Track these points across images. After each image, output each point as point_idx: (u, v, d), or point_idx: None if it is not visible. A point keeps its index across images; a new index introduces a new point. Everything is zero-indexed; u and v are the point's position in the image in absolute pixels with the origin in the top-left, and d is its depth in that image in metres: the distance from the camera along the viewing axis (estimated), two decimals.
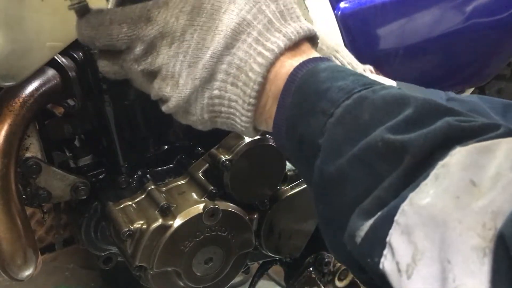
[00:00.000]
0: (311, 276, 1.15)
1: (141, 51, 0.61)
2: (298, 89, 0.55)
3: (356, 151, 0.47)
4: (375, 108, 0.49)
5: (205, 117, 0.63)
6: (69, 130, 0.94)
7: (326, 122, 0.51)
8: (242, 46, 0.58)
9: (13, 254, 0.80)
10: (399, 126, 0.46)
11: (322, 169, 0.51)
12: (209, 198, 0.90)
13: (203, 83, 0.60)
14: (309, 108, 0.53)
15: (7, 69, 0.71)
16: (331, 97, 0.52)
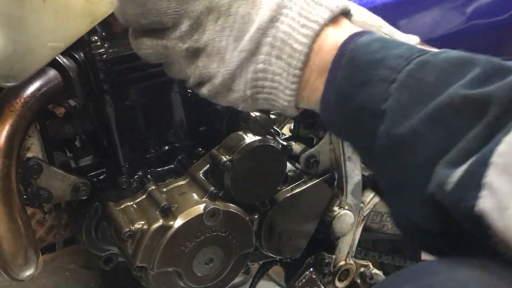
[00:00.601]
0: (311, 277, 1.15)
1: (188, 28, 0.62)
2: (349, 61, 0.56)
3: (429, 111, 0.48)
4: (439, 70, 0.50)
5: (248, 94, 0.63)
6: (70, 130, 0.94)
7: (388, 88, 0.52)
8: (285, 20, 0.59)
9: (14, 254, 0.80)
10: (473, 83, 0.47)
11: (389, 133, 0.52)
12: (209, 198, 0.90)
13: (248, 56, 0.60)
14: (366, 78, 0.54)
15: (8, 69, 0.71)
16: (390, 64, 0.53)
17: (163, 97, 0.96)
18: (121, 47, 0.87)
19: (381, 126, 0.53)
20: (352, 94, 0.55)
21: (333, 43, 0.58)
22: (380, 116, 0.53)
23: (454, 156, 0.46)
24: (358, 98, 0.55)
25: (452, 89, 0.48)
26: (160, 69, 0.89)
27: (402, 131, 0.50)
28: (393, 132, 0.51)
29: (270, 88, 0.62)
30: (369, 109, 0.54)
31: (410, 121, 0.50)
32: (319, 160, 1.04)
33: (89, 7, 0.72)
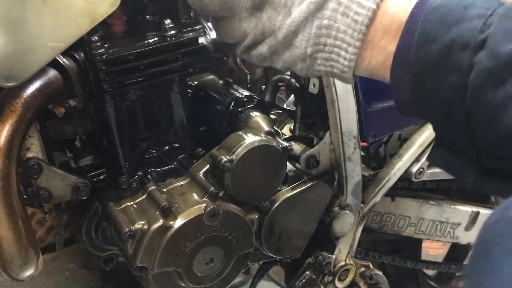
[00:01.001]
0: (311, 277, 1.15)
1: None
2: (433, 10, 0.55)
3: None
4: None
5: (308, 51, 0.62)
6: (70, 131, 0.94)
7: (486, 21, 0.52)
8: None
9: (14, 254, 0.80)
10: None
11: (494, 53, 0.50)
12: (210, 198, 0.90)
13: (316, 10, 0.60)
14: (457, 18, 0.53)
15: (9, 69, 0.71)
16: (483, 5, 0.53)
17: (163, 97, 0.96)
18: (121, 47, 0.87)
19: (480, 52, 0.51)
20: (439, 35, 0.54)
21: (400, 4, 0.58)
22: (479, 46, 0.52)
23: None
24: (447, 36, 0.54)
25: None
26: (159, 69, 0.90)
27: (510, 49, 0.50)
28: (499, 52, 0.50)
29: (332, 46, 0.61)
30: (463, 43, 0.53)
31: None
32: (319, 160, 1.04)
33: (89, 8, 0.72)
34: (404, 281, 1.59)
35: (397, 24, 0.57)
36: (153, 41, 0.89)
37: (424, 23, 0.55)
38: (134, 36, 0.90)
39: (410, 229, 1.34)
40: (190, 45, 0.91)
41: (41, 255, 0.86)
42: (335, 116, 1.01)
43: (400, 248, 1.50)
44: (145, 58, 0.88)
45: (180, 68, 0.92)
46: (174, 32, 0.90)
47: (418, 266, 1.42)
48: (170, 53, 0.90)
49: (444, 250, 1.83)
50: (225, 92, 1.03)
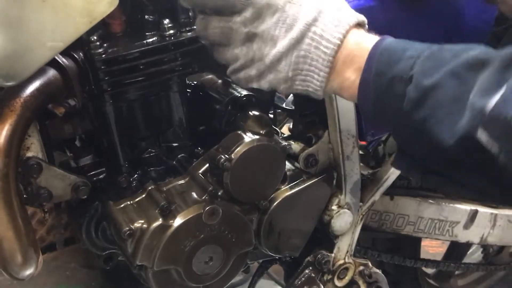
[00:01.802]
0: (310, 276, 1.15)
1: (251, 15, 0.79)
2: (382, 52, 0.73)
3: (447, 69, 0.66)
4: (453, 51, 0.69)
5: (289, 75, 0.79)
6: (69, 130, 0.94)
7: (415, 61, 0.69)
8: (324, 20, 0.76)
9: (14, 253, 0.80)
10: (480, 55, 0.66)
11: (417, 86, 0.68)
12: (209, 197, 0.91)
13: (295, 44, 0.77)
14: (397, 58, 0.71)
15: (8, 69, 0.71)
16: (417, 47, 0.71)
17: (162, 97, 0.96)
18: (120, 47, 0.87)
19: (410, 85, 0.69)
20: (387, 72, 0.72)
21: (357, 42, 0.76)
22: (409, 80, 0.69)
23: (485, 88, 0.63)
24: (391, 73, 0.71)
25: (466, 55, 0.67)
26: (158, 69, 0.90)
27: (428, 83, 0.67)
28: (420, 85, 0.68)
29: (308, 71, 0.78)
30: (399, 77, 0.70)
31: (434, 76, 0.67)
32: (318, 159, 1.04)
33: (88, 7, 0.72)
34: (403, 280, 1.59)
35: (357, 60, 0.75)
36: (152, 41, 0.90)
37: (377, 63, 0.73)
38: (133, 36, 0.90)
39: (409, 228, 1.34)
40: (189, 44, 0.92)
41: (41, 254, 0.86)
42: (333, 115, 1.01)
43: (399, 247, 1.50)
44: (144, 58, 0.88)
45: (179, 67, 0.92)
46: (173, 32, 0.90)
47: (417, 264, 1.42)
48: (169, 52, 0.90)
49: (443, 248, 1.83)
50: (224, 92, 1.03)
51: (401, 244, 1.50)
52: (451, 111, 0.66)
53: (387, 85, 0.72)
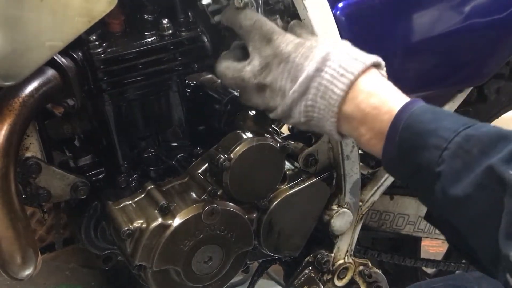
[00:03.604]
0: (310, 275, 1.15)
1: (259, 66, 0.82)
2: (407, 127, 0.71)
3: (476, 178, 0.63)
4: (482, 144, 0.64)
5: (302, 120, 0.81)
6: (69, 130, 0.94)
7: (442, 154, 0.66)
8: (329, 70, 0.76)
9: (13, 253, 0.80)
10: (508, 158, 0.61)
11: (445, 192, 0.66)
12: (208, 197, 0.91)
13: (300, 96, 0.79)
14: (422, 144, 0.68)
15: (6, 68, 0.71)
16: (442, 134, 0.67)
17: (162, 96, 0.96)
18: (119, 47, 0.87)
19: (438, 184, 0.67)
20: (411, 155, 0.70)
21: (370, 93, 0.75)
22: (436, 176, 0.67)
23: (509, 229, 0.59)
24: (416, 158, 0.69)
25: (492, 160, 0.62)
26: (157, 68, 0.90)
27: (457, 193, 0.64)
28: (449, 192, 0.65)
29: (318, 119, 0.80)
30: (426, 169, 0.68)
31: (462, 184, 0.64)
32: (317, 159, 1.04)
33: (87, 6, 0.72)
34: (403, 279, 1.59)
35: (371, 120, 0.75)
36: (151, 40, 0.90)
37: (400, 143, 0.71)
38: (132, 36, 0.90)
39: (409, 227, 1.34)
40: (188, 44, 0.92)
41: (40, 254, 0.86)
42: None
43: (399, 246, 1.50)
44: (143, 57, 0.88)
45: (178, 67, 0.92)
46: (172, 31, 0.90)
47: (417, 264, 1.42)
48: (168, 52, 0.90)
49: (444, 248, 1.83)
50: (223, 91, 1.03)
51: (401, 243, 1.50)
52: (483, 228, 0.64)
53: (414, 170, 0.71)
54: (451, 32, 1.08)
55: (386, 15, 1.01)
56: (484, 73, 1.17)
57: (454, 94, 1.18)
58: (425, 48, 1.06)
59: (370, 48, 1.01)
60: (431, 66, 1.10)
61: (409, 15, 1.04)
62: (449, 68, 1.12)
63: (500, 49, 1.16)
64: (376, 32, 1.01)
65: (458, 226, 0.67)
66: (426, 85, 1.11)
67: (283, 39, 0.81)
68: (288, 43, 0.81)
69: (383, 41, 1.02)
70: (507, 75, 1.37)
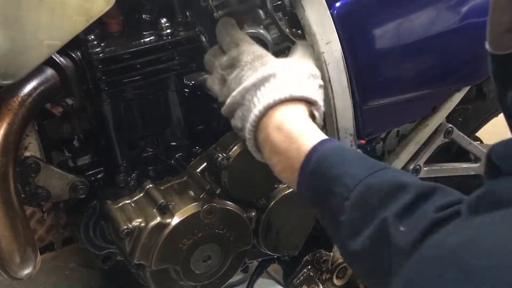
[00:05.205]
0: (309, 274, 1.15)
1: (226, 62, 0.85)
2: (313, 171, 0.71)
3: (371, 232, 0.63)
4: (381, 194, 0.64)
5: (239, 126, 0.82)
6: (68, 130, 0.94)
7: (344, 203, 0.67)
8: (262, 89, 0.79)
9: (12, 253, 0.80)
10: (402, 213, 0.61)
11: (346, 244, 0.66)
12: (207, 196, 0.91)
13: (236, 102, 0.81)
14: (327, 189, 0.69)
15: (5, 67, 0.71)
16: (345, 182, 0.67)
17: (160, 96, 0.96)
18: (117, 46, 0.87)
19: (340, 233, 0.68)
20: (319, 201, 0.71)
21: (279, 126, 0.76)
22: (339, 224, 0.67)
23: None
24: (324, 205, 0.70)
25: (387, 213, 0.62)
26: (156, 67, 0.90)
27: (355, 247, 0.65)
28: (348, 245, 0.66)
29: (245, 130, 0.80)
30: (331, 216, 0.70)
31: (362, 237, 0.64)
32: None
33: (85, 6, 0.72)
34: None
35: (282, 153, 0.75)
36: (149, 40, 0.90)
37: (309, 184, 0.72)
38: (131, 35, 0.91)
39: None
40: (186, 43, 0.92)
41: (39, 253, 0.86)
42: (331, 114, 1.01)
43: None
44: (142, 57, 0.88)
45: (177, 66, 0.93)
46: (170, 31, 0.90)
47: None
48: (167, 51, 0.91)
49: None
50: None
51: None
52: (379, 283, 0.65)
53: (323, 214, 0.72)
54: (448, 31, 1.08)
55: (383, 15, 1.01)
56: (481, 72, 1.17)
57: (452, 93, 1.19)
58: (422, 47, 1.06)
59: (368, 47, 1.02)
60: (429, 65, 1.10)
61: (406, 15, 1.04)
62: (447, 68, 1.12)
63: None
64: (373, 31, 1.01)
65: (359, 276, 0.68)
66: (424, 84, 1.11)
67: (247, 48, 0.85)
68: (250, 53, 0.84)
69: (380, 40, 1.02)
70: None
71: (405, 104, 1.11)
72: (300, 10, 0.89)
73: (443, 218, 0.58)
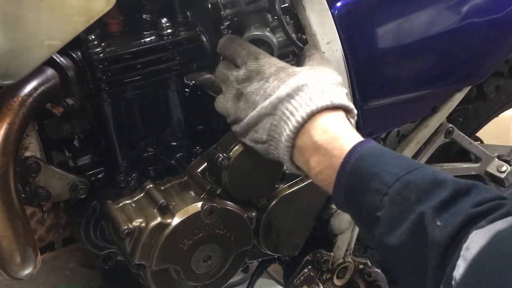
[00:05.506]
0: (309, 274, 1.15)
1: (243, 75, 0.85)
2: (353, 171, 0.72)
3: (409, 226, 0.64)
4: (419, 190, 0.66)
5: (264, 138, 0.83)
6: (68, 130, 0.94)
7: (382, 199, 0.68)
8: (298, 99, 0.79)
9: (12, 253, 0.80)
10: (440, 207, 0.63)
11: (383, 239, 0.67)
12: (207, 196, 0.91)
13: (267, 113, 0.81)
14: (365, 187, 0.70)
15: (5, 67, 0.71)
16: (383, 179, 0.69)
17: (161, 96, 0.96)
18: (118, 46, 0.87)
19: (377, 229, 0.69)
20: (356, 197, 0.72)
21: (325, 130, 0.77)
22: (376, 220, 0.69)
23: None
24: (359, 201, 0.72)
25: (425, 207, 0.63)
26: (156, 67, 0.90)
27: (394, 241, 0.66)
28: (386, 240, 0.67)
29: (277, 141, 0.81)
30: (367, 213, 0.70)
31: (399, 232, 0.65)
32: None
33: (85, 6, 0.72)
34: None
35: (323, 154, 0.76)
36: (149, 40, 0.90)
37: (347, 184, 0.73)
38: (131, 35, 0.91)
39: None
40: (186, 43, 0.92)
41: (39, 253, 0.86)
42: None
43: None
44: (142, 57, 0.89)
45: (177, 66, 0.93)
46: (170, 31, 0.90)
47: None
48: (167, 51, 0.91)
49: None
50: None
51: None
52: (413, 276, 0.66)
53: (359, 212, 0.73)
54: (449, 31, 1.08)
55: (384, 15, 1.01)
56: (482, 72, 1.17)
57: (452, 93, 1.19)
58: (423, 47, 1.06)
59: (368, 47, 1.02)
60: (429, 65, 1.11)
61: (407, 15, 1.04)
62: (447, 67, 1.13)
63: (498, 48, 1.16)
64: (374, 31, 1.01)
65: (392, 272, 0.69)
66: (424, 84, 1.11)
67: (268, 60, 0.85)
68: (272, 65, 0.84)
69: (381, 40, 1.02)
70: (507, 73, 1.37)
71: (405, 104, 1.11)
72: (301, 10, 0.90)
73: (480, 214, 0.60)
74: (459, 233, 0.59)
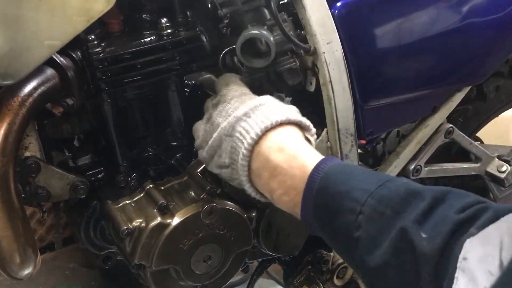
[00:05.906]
0: (309, 274, 1.15)
1: (215, 101, 0.87)
2: (321, 190, 0.69)
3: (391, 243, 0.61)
4: (394, 204, 0.63)
5: (226, 162, 0.80)
6: (68, 130, 0.94)
7: (357, 218, 0.65)
8: (253, 117, 0.78)
9: (12, 253, 0.80)
10: (420, 219, 0.60)
11: (364, 261, 0.64)
12: (207, 196, 0.91)
13: (226, 133, 0.80)
14: (336, 207, 0.67)
15: (5, 67, 0.71)
16: (355, 197, 0.66)
17: (160, 96, 0.96)
18: (118, 46, 0.87)
19: (357, 251, 0.65)
20: (328, 219, 0.69)
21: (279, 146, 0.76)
22: (354, 241, 0.65)
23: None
24: (333, 223, 0.68)
25: (405, 221, 0.61)
26: (156, 67, 0.90)
27: (376, 261, 0.63)
28: (368, 261, 0.64)
29: (238, 165, 0.78)
30: (344, 235, 0.67)
31: (380, 251, 0.62)
32: None
33: (85, 6, 0.72)
34: None
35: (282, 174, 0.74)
36: (149, 40, 0.90)
37: (315, 206, 0.70)
38: (131, 35, 0.91)
39: None
40: (186, 43, 0.92)
41: (39, 253, 0.86)
42: (331, 114, 1.01)
43: None
44: (142, 57, 0.88)
45: (177, 66, 0.93)
46: (170, 31, 0.90)
47: None
48: (167, 51, 0.91)
49: None
50: None
51: None
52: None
53: (333, 235, 0.70)
54: (449, 31, 1.08)
55: (384, 15, 1.01)
56: (482, 72, 1.17)
57: (452, 93, 1.19)
58: (423, 47, 1.06)
59: (368, 47, 1.02)
60: (429, 65, 1.10)
61: (407, 15, 1.04)
62: (447, 68, 1.12)
63: (498, 48, 1.16)
64: (374, 31, 1.01)
65: None
66: (424, 84, 1.11)
67: (235, 87, 0.87)
68: (238, 90, 0.86)
69: (381, 40, 1.02)
70: (507, 73, 1.37)
71: (405, 104, 1.11)
72: (301, 10, 0.89)
73: (465, 220, 0.58)
74: (449, 242, 0.57)
